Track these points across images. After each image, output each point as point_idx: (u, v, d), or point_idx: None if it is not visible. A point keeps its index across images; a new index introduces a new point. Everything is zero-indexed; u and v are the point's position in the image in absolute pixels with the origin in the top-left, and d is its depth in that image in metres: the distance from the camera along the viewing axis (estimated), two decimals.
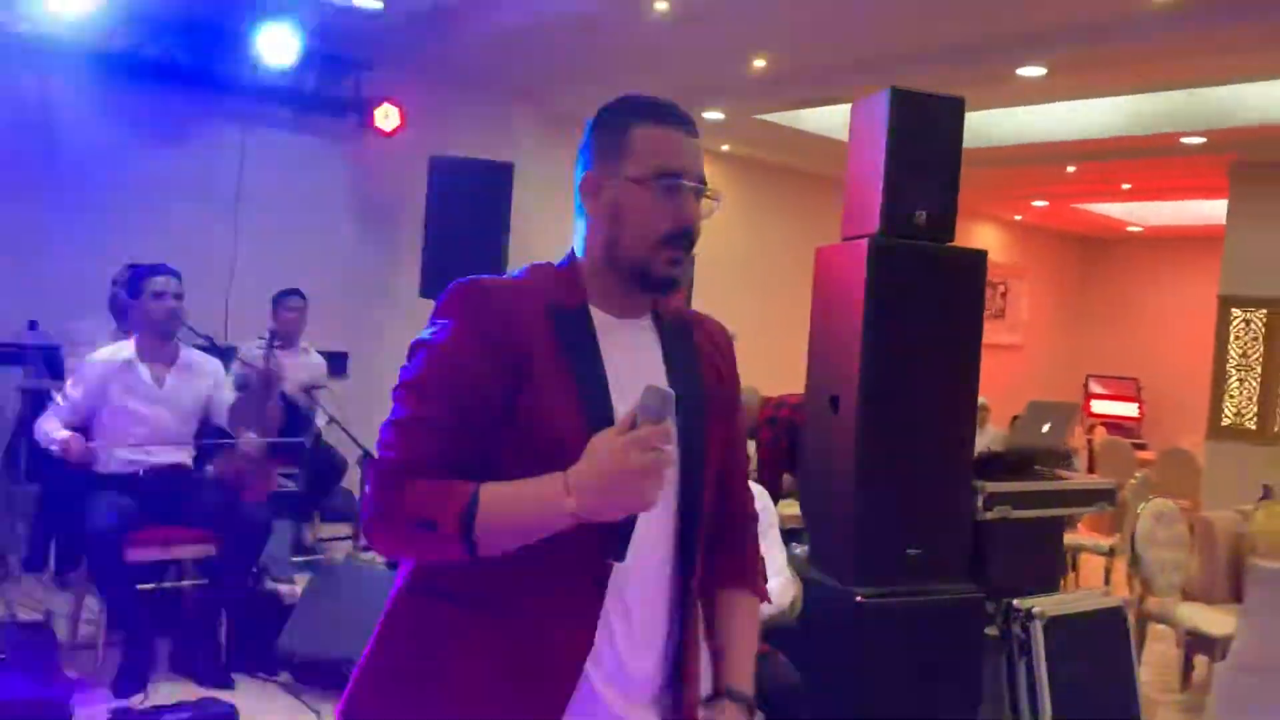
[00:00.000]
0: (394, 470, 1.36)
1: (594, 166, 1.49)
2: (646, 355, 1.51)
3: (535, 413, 1.38)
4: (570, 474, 1.30)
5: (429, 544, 1.35)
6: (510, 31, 5.66)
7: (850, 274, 3.58)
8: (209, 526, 3.86)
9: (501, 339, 1.39)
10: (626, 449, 1.28)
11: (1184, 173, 8.17)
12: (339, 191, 6.66)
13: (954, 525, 3.68)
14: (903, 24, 5.23)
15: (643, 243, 1.45)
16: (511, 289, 1.46)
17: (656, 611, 1.47)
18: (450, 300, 1.44)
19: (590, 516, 1.30)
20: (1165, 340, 12.02)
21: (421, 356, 1.42)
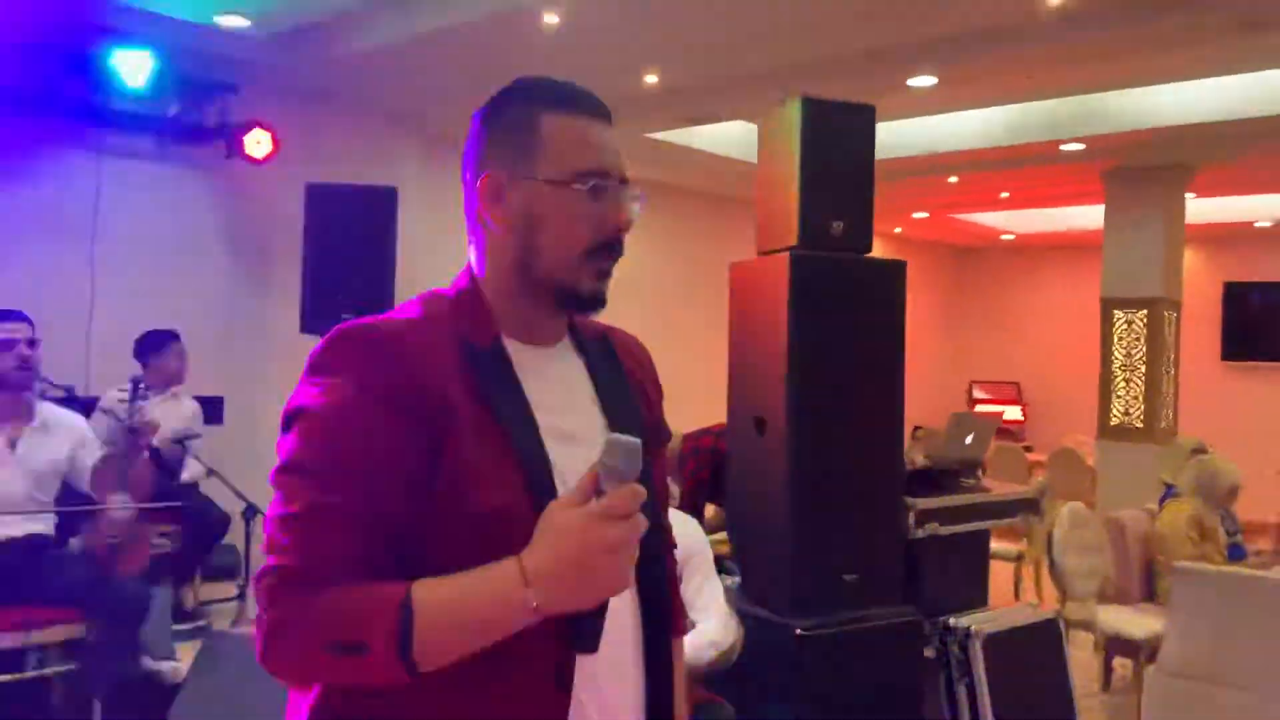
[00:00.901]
0: (295, 580, 1.07)
1: (494, 167, 1.23)
2: (576, 390, 1.28)
3: (462, 481, 1.12)
4: (526, 560, 1.06)
5: (354, 670, 1.06)
6: (388, 50, 5.36)
7: (770, 289, 3.46)
8: (77, 605, 3.42)
9: (409, 395, 1.12)
10: (593, 523, 1.05)
11: (1061, 180, 8.36)
12: (208, 223, 6.20)
13: (887, 546, 3.58)
14: (795, 36, 5.15)
15: (566, 256, 1.21)
16: (409, 329, 1.18)
17: (625, 676, 1.24)
18: (335, 351, 1.15)
19: (556, 609, 1.07)
20: (1042, 344, 12.37)
21: (305, 428, 1.12)
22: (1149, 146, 7.07)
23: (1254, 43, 5.00)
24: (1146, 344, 7.84)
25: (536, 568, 1.05)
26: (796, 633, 3.26)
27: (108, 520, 3.48)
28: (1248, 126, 6.43)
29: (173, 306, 5.72)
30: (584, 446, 1.19)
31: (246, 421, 6.14)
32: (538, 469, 1.15)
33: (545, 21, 4.82)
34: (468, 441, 1.12)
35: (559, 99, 1.24)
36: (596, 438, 1.22)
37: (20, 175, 5.44)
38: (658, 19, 4.95)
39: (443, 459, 1.11)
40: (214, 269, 6.21)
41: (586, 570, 1.05)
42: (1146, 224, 7.77)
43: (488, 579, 1.06)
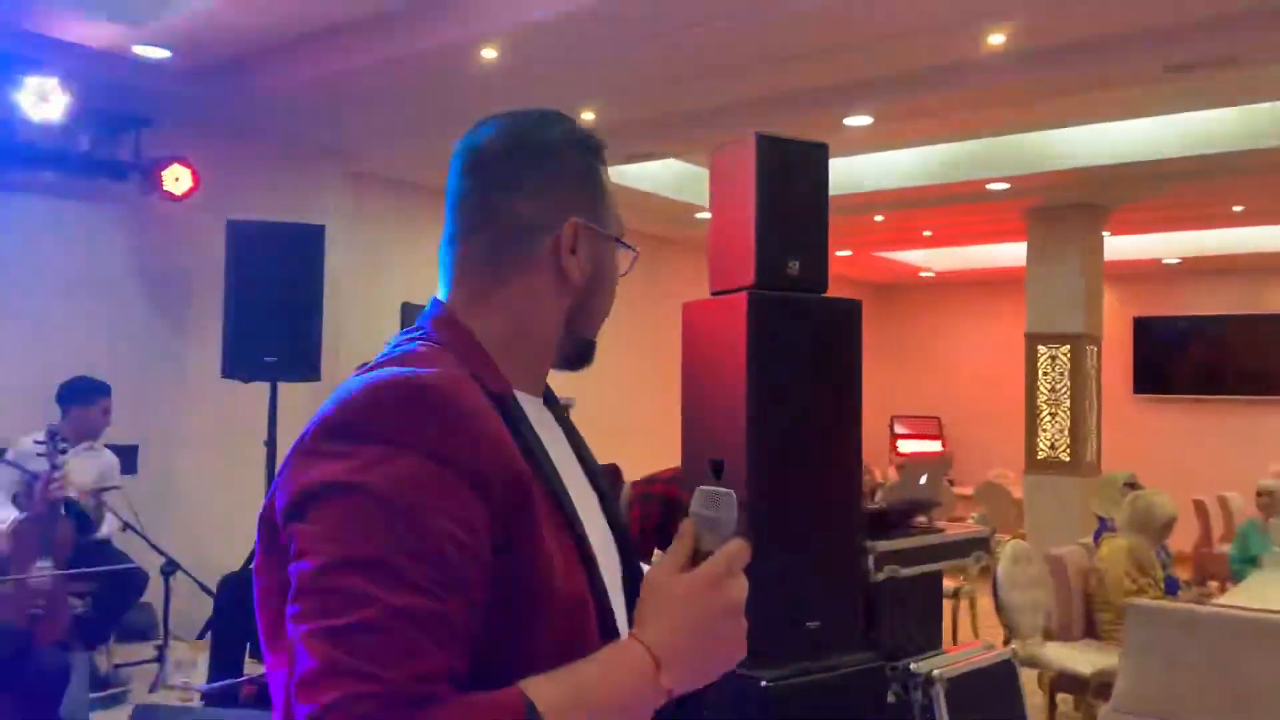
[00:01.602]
0: (390, 709, 0.81)
1: (572, 212, 1.09)
2: (560, 444, 1.15)
3: (542, 566, 0.95)
4: (647, 638, 0.93)
5: None
6: (316, 84, 5.18)
7: (727, 329, 3.37)
8: None
9: (489, 466, 0.92)
10: (711, 588, 0.96)
11: (985, 218, 8.52)
12: (122, 262, 5.89)
13: (848, 590, 3.51)
14: (733, 77, 5.13)
15: (604, 315, 1.18)
16: (466, 386, 0.98)
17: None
18: (387, 412, 0.92)
19: (687, 686, 0.96)
20: (962, 378, 12.58)
21: (356, 509, 0.87)
22: (1070, 186, 7.25)
23: (1177, 85, 5.14)
24: (1070, 378, 7.98)
25: (663, 644, 0.93)
26: (761, 684, 3.15)
27: (29, 590, 3.19)
28: (1162, 167, 6.64)
29: (83, 350, 5.41)
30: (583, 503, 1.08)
31: (162, 471, 5.84)
32: (584, 537, 1.03)
33: (484, 57, 4.70)
34: (541, 517, 0.97)
35: (599, 148, 1.17)
36: (588, 493, 1.14)
37: None
38: (596, 57, 4.88)
39: (519, 540, 0.94)
40: (128, 311, 5.89)
41: (713, 639, 0.97)
42: (1067, 261, 7.95)
43: (613, 666, 0.93)
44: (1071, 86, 5.07)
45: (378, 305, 7.30)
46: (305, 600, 0.86)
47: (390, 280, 7.41)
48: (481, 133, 1.15)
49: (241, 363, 5.34)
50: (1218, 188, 7.37)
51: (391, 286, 7.43)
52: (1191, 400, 11.05)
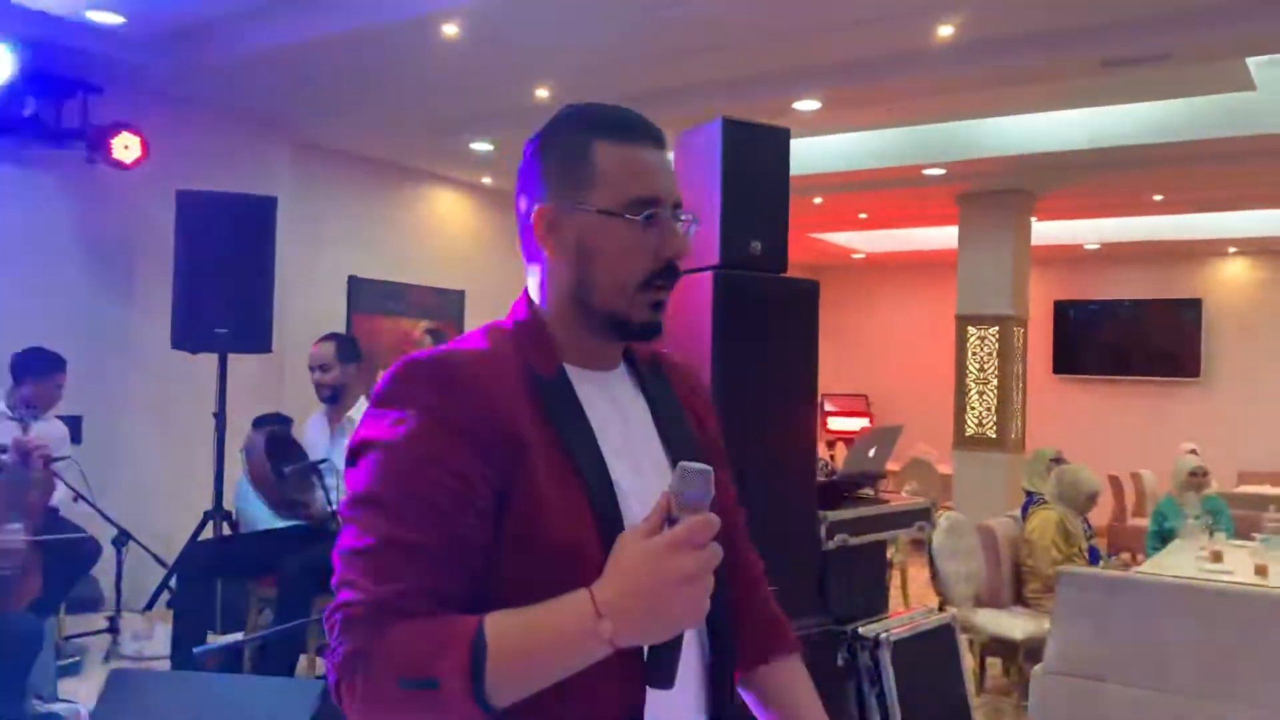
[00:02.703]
0: (368, 615, 1.03)
1: (548, 197, 1.21)
2: (635, 416, 1.26)
3: (535, 514, 1.10)
4: (598, 593, 1.03)
5: (427, 706, 1.02)
6: (270, 55, 5.15)
7: (693, 308, 3.47)
8: None
9: (487, 429, 1.10)
10: (668, 553, 1.03)
11: (919, 202, 8.78)
12: (67, 231, 5.80)
13: (804, 558, 3.67)
14: (684, 58, 5.24)
15: (620, 287, 1.20)
16: (477, 361, 1.16)
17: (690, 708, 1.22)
18: (405, 383, 1.13)
19: (631, 641, 1.04)
20: (890, 358, 12.93)
21: (376, 461, 1.10)
22: (1001, 172, 7.53)
23: (1111, 79, 5.39)
24: (998, 359, 8.30)
25: (609, 599, 1.03)
26: None
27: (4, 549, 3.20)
28: (1086, 156, 6.95)
29: (30, 319, 5.33)
30: (646, 473, 1.19)
31: (107, 442, 5.79)
32: (604, 498, 1.14)
33: (445, 32, 4.73)
34: (538, 474, 1.11)
35: (612, 126, 1.22)
36: (657, 464, 1.23)
37: None
38: (554, 37, 4.95)
39: (514, 492, 1.10)
40: (74, 280, 5.81)
41: (661, 602, 1.03)
42: (997, 245, 8.26)
43: (560, 611, 1.04)
44: (1014, 78, 5.29)
45: (324, 278, 7.28)
46: (343, 526, 1.10)
47: (336, 253, 7.39)
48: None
49: (191, 334, 5.30)
50: (1139, 177, 7.71)
51: (337, 259, 7.41)
52: (1106, 381, 11.53)
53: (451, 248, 8.38)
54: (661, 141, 1.26)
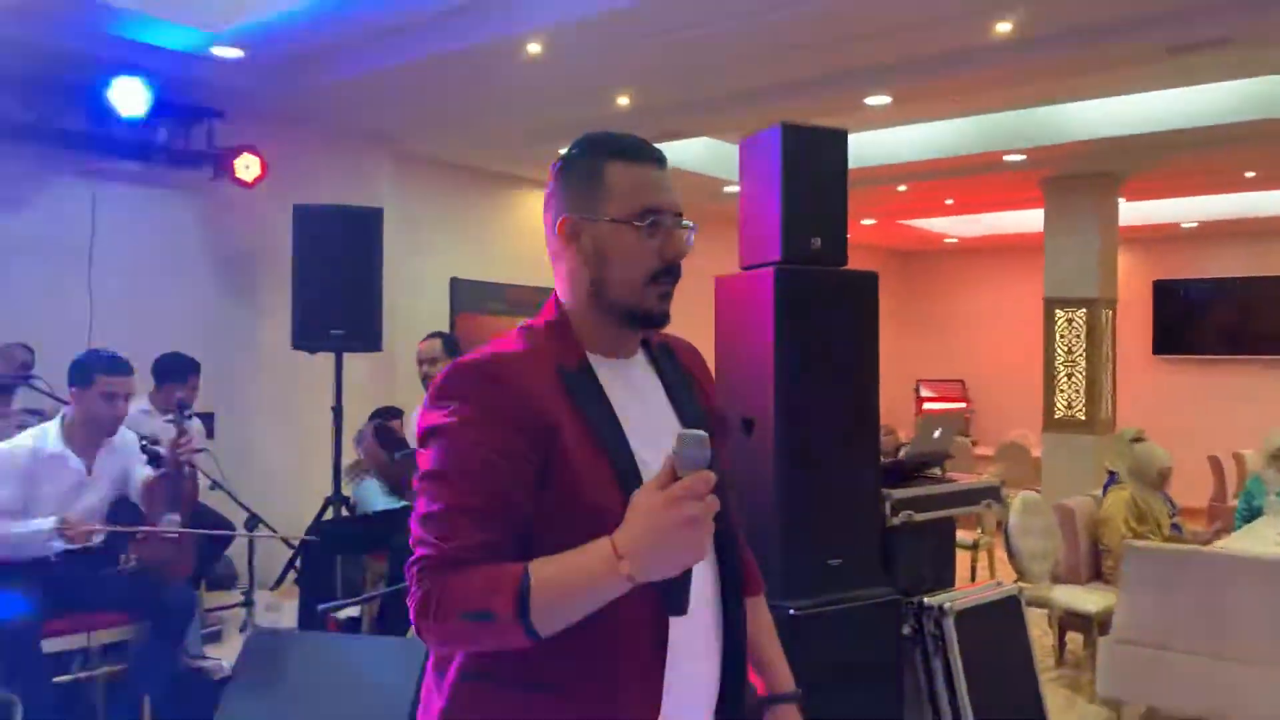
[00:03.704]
0: (438, 565, 1.31)
1: (569, 210, 1.47)
2: (652, 395, 1.53)
3: (569, 484, 1.37)
4: (618, 538, 1.27)
5: (486, 634, 1.30)
6: (373, 77, 5.60)
7: (756, 301, 3.69)
8: (130, 609, 3.65)
9: (524, 416, 1.36)
10: (673, 503, 1.24)
11: (1003, 188, 8.84)
12: (198, 244, 6.40)
13: (867, 532, 3.86)
14: (760, 62, 5.49)
15: (631, 282, 1.45)
16: (514, 361, 1.42)
17: (707, 632, 1.49)
18: (457, 383, 1.40)
19: (647, 577, 1.27)
20: (985, 342, 12.89)
21: (440, 444, 1.37)
22: (1084, 156, 7.56)
23: (1180, 64, 5.45)
24: (1086, 341, 8.33)
25: (626, 543, 1.25)
26: (790, 612, 3.52)
27: (160, 538, 3.70)
28: (1172, 138, 6.93)
29: (167, 326, 5.91)
30: (663, 444, 1.41)
31: (237, 437, 6.34)
32: (625, 466, 1.40)
33: (529, 51, 5.10)
34: (570, 451, 1.37)
35: (618, 150, 1.47)
36: (672, 435, 1.46)
37: (19, 202, 5.61)
38: (631, 49, 5.25)
39: (550, 466, 1.36)
40: (205, 289, 6.41)
41: (669, 543, 1.24)
42: (1083, 228, 8.28)
43: (588, 555, 1.27)
44: (1077, 69, 5.40)
45: (428, 281, 7.77)
46: (417, 498, 1.38)
47: (438, 257, 7.87)
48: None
49: (309, 336, 5.81)
50: (1227, 155, 7.65)
51: (439, 262, 7.89)
52: (1209, 360, 11.32)
53: (544, 247, 8.75)
54: (663, 161, 1.52)
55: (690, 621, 1.39)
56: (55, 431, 3.78)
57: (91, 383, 3.71)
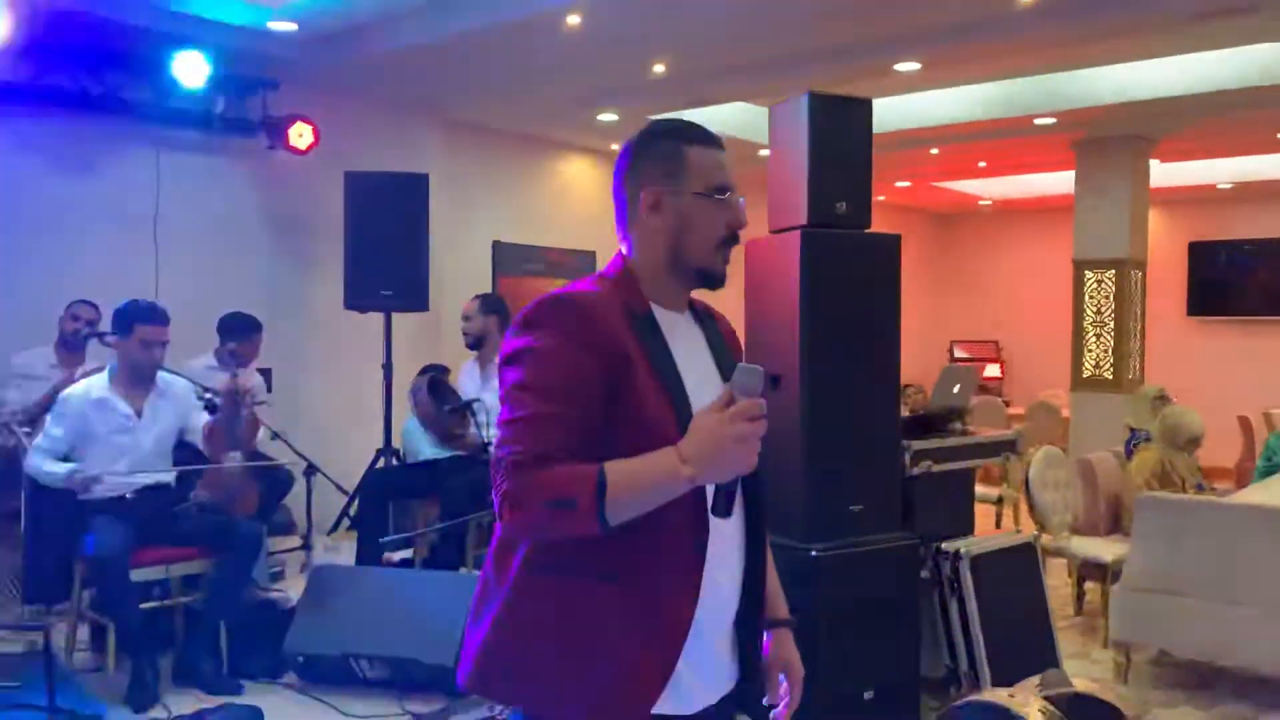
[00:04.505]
0: (524, 461, 1.51)
1: (652, 186, 1.70)
2: (697, 344, 1.79)
3: (634, 406, 1.59)
4: (682, 447, 1.50)
5: (565, 522, 1.51)
6: (421, 48, 5.85)
7: (783, 262, 3.88)
8: (204, 543, 4.00)
9: (602, 345, 1.59)
10: (730, 421, 1.47)
11: (1034, 150, 8.93)
12: (254, 210, 6.72)
13: (887, 481, 4.06)
14: (791, 30, 5.66)
15: (706, 246, 1.71)
16: (592, 299, 1.65)
17: (735, 547, 1.74)
18: (546, 313, 1.62)
19: (704, 480, 1.52)
20: (1019, 303, 12.96)
21: (528, 361, 1.59)
22: (1114, 119, 7.65)
23: (1207, 29, 5.55)
24: (1115, 301, 8.46)
25: (689, 451, 1.49)
26: (812, 554, 3.77)
27: (226, 473, 4.04)
28: (1203, 100, 7.00)
29: (226, 286, 6.25)
30: (704, 383, 1.71)
31: (293, 391, 6.68)
32: (679, 396, 1.66)
33: (569, 23, 5.32)
34: (636, 378, 1.63)
35: (696, 136, 1.73)
36: (710, 378, 1.75)
37: (89, 170, 5.95)
38: (668, 18, 5.44)
39: (620, 386, 1.59)
40: (262, 251, 6.75)
41: (724, 453, 1.48)
42: (1113, 190, 8.37)
43: (657, 459, 1.51)
44: (1102, 35, 5.51)
45: (472, 243, 8.05)
46: (502, 405, 1.60)
47: (482, 220, 8.15)
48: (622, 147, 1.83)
49: (359, 296, 6.12)
50: (1261, 118, 7.70)
51: (483, 226, 8.17)
52: (1244, 322, 11.35)
53: (584, 211, 9.02)
54: (723, 145, 1.78)
55: (722, 537, 1.66)
56: (105, 379, 4.13)
57: (131, 331, 4.04)
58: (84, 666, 4.08)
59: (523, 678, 1.66)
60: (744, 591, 1.77)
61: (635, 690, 1.62)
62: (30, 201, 5.73)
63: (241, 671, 4.03)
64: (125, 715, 3.67)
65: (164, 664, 4.03)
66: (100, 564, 3.72)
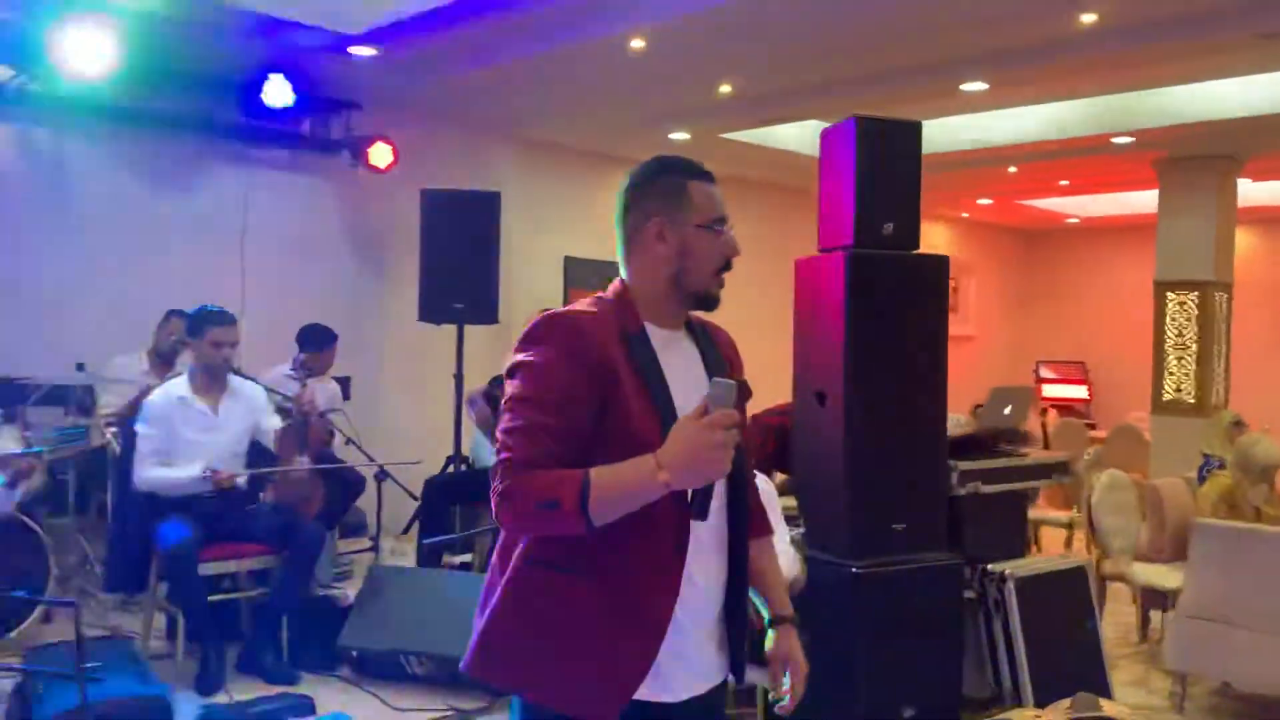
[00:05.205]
0: (517, 465, 1.68)
1: (658, 218, 1.85)
2: (691, 361, 1.91)
3: (621, 418, 1.73)
4: (659, 454, 1.63)
5: (553, 520, 1.66)
6: (494, 71, 6.08)
7: (829, 282, 3.95)
8: (270, 542, 4.26)
9: (593, 361, 1.73)
10: (704, 429, 1.61)
11: (1115, 169, 8.77)
12: (336, 226, 7.06)
13: (933, 501, 4.05)
14: (856, 51, 5.72)
15: (706, 273, 1.86)
16: (588, 318, 1.79)
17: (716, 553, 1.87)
18: (544, 330, 1.77)
19: (679, 485, 1.64)
20: (1107, 324, 12.66)
21: (525, 375, 1.75)
22: (1196, 138, 7.48)
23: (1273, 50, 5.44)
24: (1198, 324, 8.25)
25: (666, 458, 1.63)
26: (853, 570, 3.80)
27: (294, 476, 4.30)
28: None
29: (309, 298, 6.56)
30: (693, 397, 1.80)
31: (370, 399, 6.96)
32: (665, 407, 1.79)
33: (633, 46, 5.48)
34: (625, 391, 1.76)
35: (694, 173, 1.89)
36: (701, 391, 1.84)
37: (182, 187, 6.34)
38: (730, 42, 5.56)
39: (609, 402, 1.74)
40: (343, 266, 7.08)
41: (699, 459, 1.61)
42: (1198, 210, 8.17)
43: (637, 464, 1.65)
44: (1167, 55, 5.45)
45: (544, 258, 8.28)
46: (503, 414, 1.75)
47: (553, 236, 8.37)
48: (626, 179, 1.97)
49: (433, 309, 6.37)
50: None
51: (554, 241, 8.39)
52: None
53: None
54: (716, 180, 1.92)
55: (703, 539, 1.80)
56: (184, 381, 4.43)
57: (203, 333, 4.33)
58: (159, 653, 4.36)
59: (516, 664, 1.81)
60: (728, 590, 1.89)
61: (616, 678, 1.75)
62: (130, 216, 6.14)
63: (300, 663, 4.27)
64: (191, 698, 3.92)
65: (230, 653, 4.28)
66: (172, 558, 4.00)
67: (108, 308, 5.88)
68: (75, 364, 5.28)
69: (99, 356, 5.51)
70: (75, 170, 6.00)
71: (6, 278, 5.49)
